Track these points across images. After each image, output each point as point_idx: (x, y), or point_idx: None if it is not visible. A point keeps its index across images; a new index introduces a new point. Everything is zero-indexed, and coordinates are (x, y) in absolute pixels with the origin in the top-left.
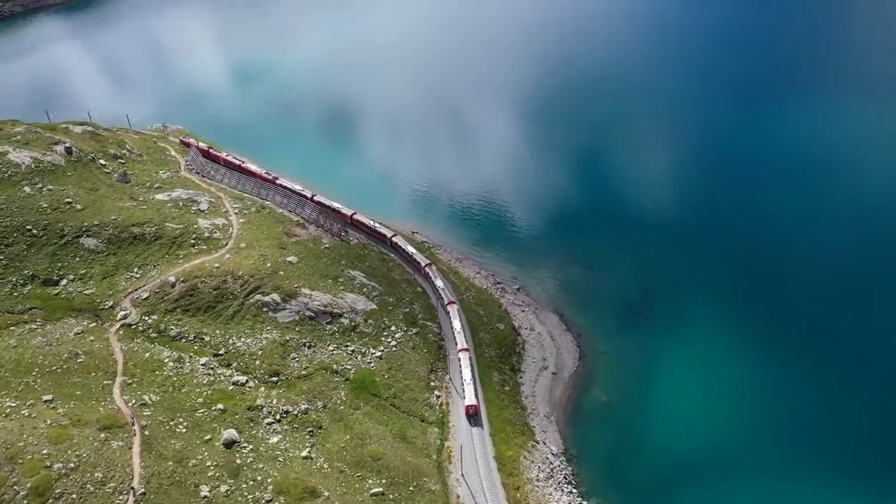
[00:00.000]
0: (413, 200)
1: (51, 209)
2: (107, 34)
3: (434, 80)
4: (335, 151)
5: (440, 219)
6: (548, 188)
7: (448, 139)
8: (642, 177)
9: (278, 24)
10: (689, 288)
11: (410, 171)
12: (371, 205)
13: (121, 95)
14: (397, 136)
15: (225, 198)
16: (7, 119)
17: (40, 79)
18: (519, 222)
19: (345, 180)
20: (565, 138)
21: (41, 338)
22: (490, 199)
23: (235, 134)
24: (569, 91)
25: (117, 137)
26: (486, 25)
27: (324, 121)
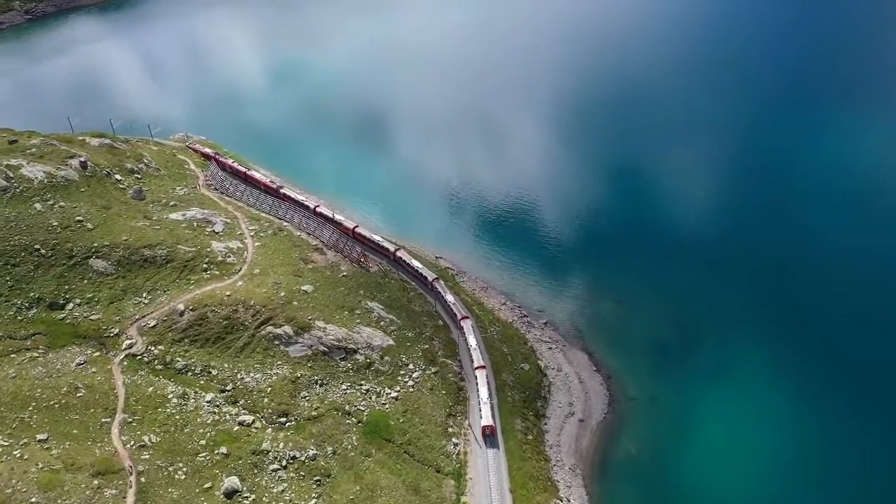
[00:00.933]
0: (439, 221)
1: (61, 228)
2: (137, 36)
3: (466, 88)
4: (362, 165)
5: (466, 242)
6: (579, 211)
7: (477, 154)
8: (678, 201)
9: (313, 25)
10: (729, 327)
11: (438, 189)
12: (396, 226)
13: (146, 101)
14: (426, 150)
15: (241, 218)
16: (25, 130)
17: (67, 82)
18: (548, 248)
19: (370, 197)
20: (598, 156)
21: (41, 368)
22: (518, 223)
23: (260, 143)
24: (604, 104)
25: (135, 150)
26: (524, 27)
27: (351, 131)
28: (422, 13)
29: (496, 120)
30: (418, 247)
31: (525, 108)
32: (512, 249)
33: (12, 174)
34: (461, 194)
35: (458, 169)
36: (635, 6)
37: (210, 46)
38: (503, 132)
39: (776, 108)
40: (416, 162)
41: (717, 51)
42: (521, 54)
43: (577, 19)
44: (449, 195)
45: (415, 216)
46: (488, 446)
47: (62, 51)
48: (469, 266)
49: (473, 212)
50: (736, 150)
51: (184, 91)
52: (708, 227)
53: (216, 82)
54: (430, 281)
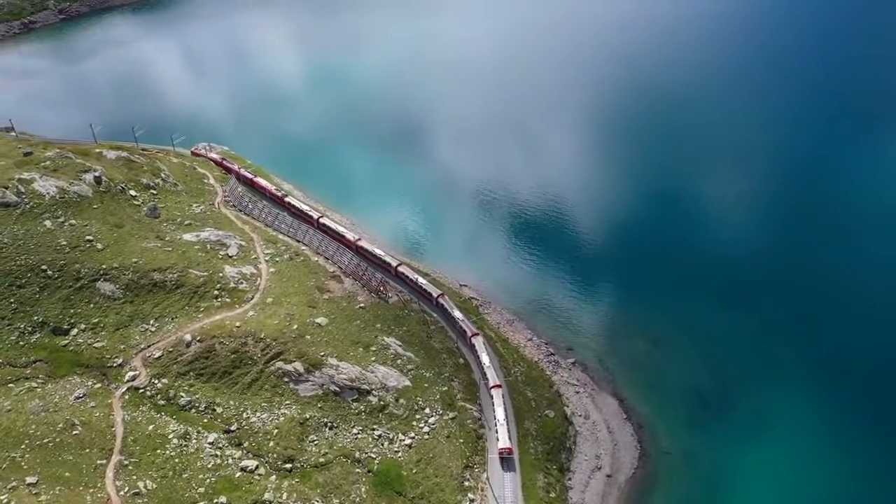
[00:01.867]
0: (465, 245)
1: (70, 247)
2: (168, 38)
3: (500, 98)
4: (389, 181)
5: (492, 269)
6: (613, 239)
7: (508, 173)
8: (720, 231)
9: (347, 29)
10: (774, 374)
11: (466, 211)
12: (420, 250)
13: (172, 107)
14: (455, 166)
15: (257, 240)
16: (44, 139)
17: (96, 85)
18: (579, 279)
19: (396, 217)
20: (635, 179)
21: (38, 401)
22: (548, 251)
23: (285, 154)
24: (643, 118)
25: (153, 164)
26: (565, 30)
27: (379, 143)
28: (460, 17)
29: (528, 134)
30: (442, 273)
31: (559, 122)
32: (540, 279)
33: (24, 189)
34: (490, 217)
35: (487, 188)
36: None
37: (241, 50)
38: (535, 148)
39: (831, 122)
40: (444, 179)
41: (762, 51)
42: (560, 59)
43: (618, 21)
44: (477, 217)
45: (440, 239)
46: (505, 469)
47: (93, 52)
48: (494, 296)
49: (501, 236)
50: (787, 171)
51: (211, 97)
52: (753, 262)
53: (246, 88)
54: (435, 297)
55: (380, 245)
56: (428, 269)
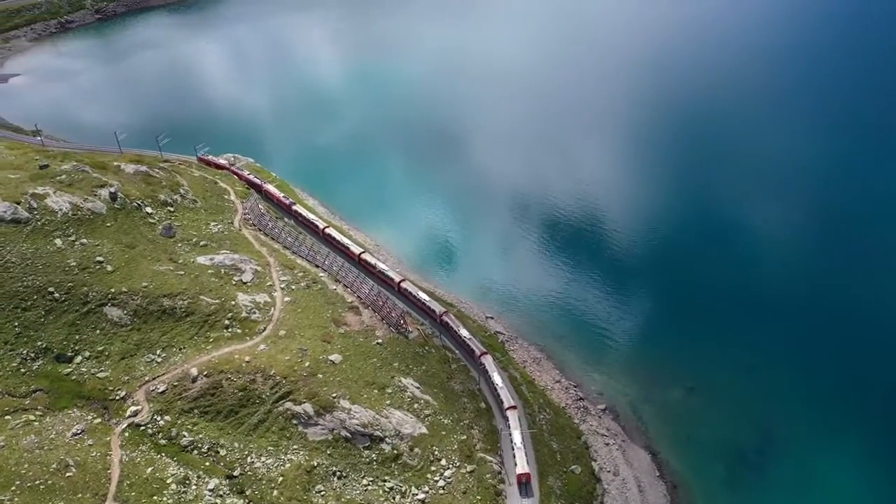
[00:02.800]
0: (494, 275)
1: (79, 269)
2: (201, 41)
3: (538, 109)
4: (419, 200)
5: (522, 300)
6: (650, 275)
7: (542, 195)
8: (768, 267)
9: (385, 32)
10: (822, 430)
11: (495, 236)
12: (446, 277)
13: (200, 114)
14: (487, 185)
15: (274, 265)
16: (65, 146)
17: (126, 88)
18: (612, 315)
19: (422, 241)
20: (679, 208)
21: (34, 436)
22: (582, 283)
23: (310, 167)
24: (688, 135)
25: (172, 178)
26: (608, 34)
27: (410, 158)
28: (498, 22)
29: (564, 150)
30: (468, 303)
31: (597, 136)
32: (572, 313)
33: (36, 205)
34: (520, 244)
35: (519, 213)
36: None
37: (275, 55)
38: (571, 167)
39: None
40: (475, 199)
41: (821, 63)
42: (603, 66)
43: (671, 24)
44: (506, 244)
45: (467, 266)
46: (523, 495)
47: (126, 54)
48: (522, 330)
49: (531, 265)
50: (844, 199)
51: (240, 104)
52: (803, 302)
53: (277, 95)
54: (439, 315)
55: (404, 269)
56: (453, 298)
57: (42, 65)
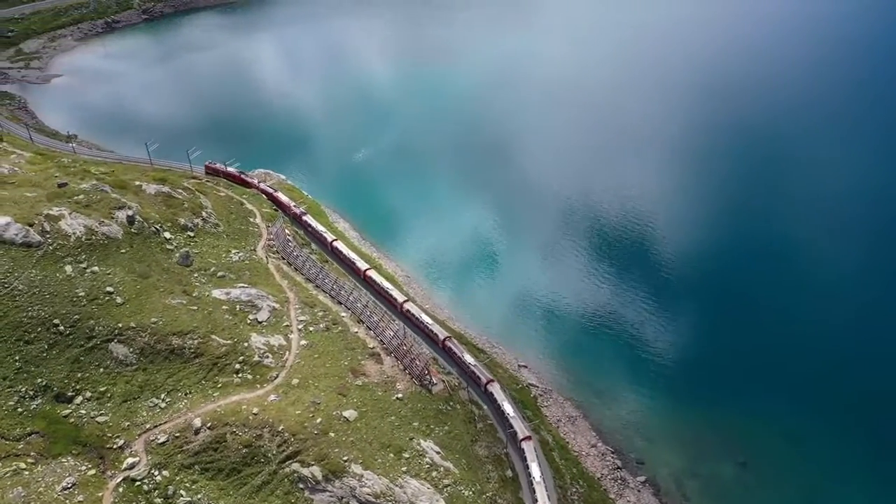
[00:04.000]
0: (532, 315)
1: (87, 299)
2: (247, 44)
3: (600, 128)
4: (456, 229)
5: (559, 348)
6: (703, 330)
7: (594, 233)
8: (832, 321)
9: (438, 38)
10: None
11: (538, 272)
12: (480, 316)
13: (236, 123)
14: (532, 214)
15: (293, 302)
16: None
17: (166, 93)
18: (659, 373)
19: (456, 270)
20: (741, 250)
21: (21, 489)
22: (626, 333)
23: (346, 187)
24: (767, 164)
25: (195, 200)
26: (672, 45)
27: (454, 179)
28: (554, 31)
29: (621, 177)
30: (499, 348)
31: (659, 163)
32: (613, 366)
33: (49, 227)
34: (562, 283)
35: (564, 248)
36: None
37: (319, 61)
38: (625, 198)
39: None
40: (517, 231)
41: None
42: (663, 78)
43: (737, 36)
44: (548, 282)
45: (502, 304)
46: None
47: (168, 57)
48: (558, 383)
49: (573, 310)
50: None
51: (278, 114)
52: (883, 367)
53: (317, 105)
54: (442, 340)
55: (430, 307)
56: (485, 342)
57: (85, 66)
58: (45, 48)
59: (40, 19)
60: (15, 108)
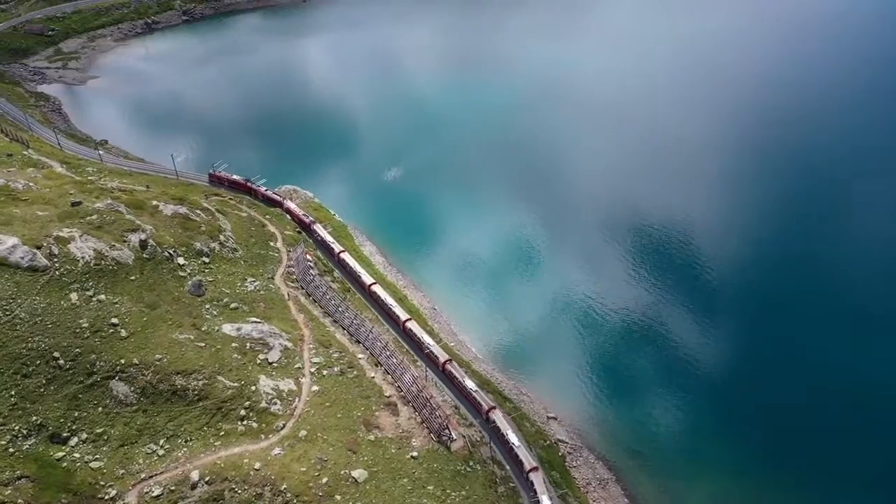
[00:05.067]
0: (567, 359)
1: (90, 331)
2: (285, 48)
3: (656, 151)
4: (491, 256)
5: (594, 399)
6: (756, 389)
7: (637, 269)
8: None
9: (487, 49)
10: None
11: (577, 310)
12: (508, 356)
13: (267, 134)
14: (579, 245)
15: (308, 340)
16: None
17: (199, 99)
18: (701, 436)
19: (485, 303)
20: (811, 296)
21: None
22: (670, 387)
23: (376, 206)
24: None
25: (213, 222)
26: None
27: (493, 200)
28: (611, 43)
29: (666, 212)
30: (527, 392)
31: (709, 192)
32: (654, 425)
33: (58, 251)
34: (601, 328)
35: (609, 285)
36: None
37: (358, 69)
38: (671, 234)
39: None
40: (558, 261)
41: None
42: (721, 94)
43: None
44: (587, 322)
45: (534, 346)
46: None
47: (205, 61)
48: (590, 440)
49: (613, 357)
50: None
51: (310, 124)
52: None
53: (356, 117)
54: (442, 363)
55: (455, 345)
56: (512, 388)
57: (122, 68)
58: (84, 48)
59: (81, 18)
60: (49, 110)
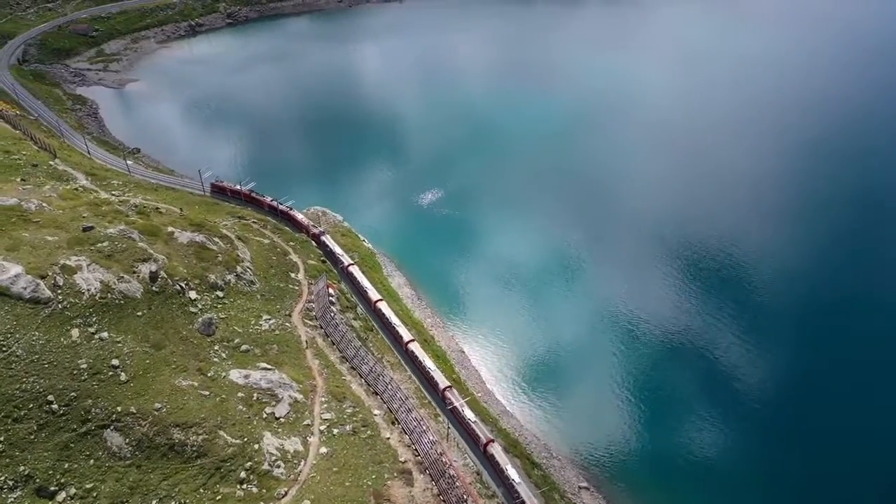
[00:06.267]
0: (607, 422)
1: (89, 373)
2: (326, 55)
3: (715, 174)
4: (535, 294)
5: (632, 467)
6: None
7: (699, 322)
8: None
9: (547, 59)
10: None
11: (620, 366)
12: (548, 418)
13: (300, 149)
14: (637, 295)
15: (320, 392)
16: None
17: (235, 106)
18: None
19: (521, 352)
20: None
21: None
22: (721, 451)
23: (411, 233)
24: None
25: (232, 252)
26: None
27: (539, 233)
28: (675, 50)
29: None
30: (560, 458)
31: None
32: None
33: (62, 281)
34: (651, 387)
35: (661, 344)
36: None
37: (404, 80)
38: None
39: None
40: (610, 312)
41: None
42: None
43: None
44: (633, 384)
45: (573, 405)
46: None
47: (246, 66)
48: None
49: (661, 424)
50: None
51: (350, 141)
52: None
53: (396, 133)
54: (441, 390)
55: (482, 395)
56: (541, 449)
57: (162, 71)
58: (127, 50)
59: (125, 19)
60: (84, 114)
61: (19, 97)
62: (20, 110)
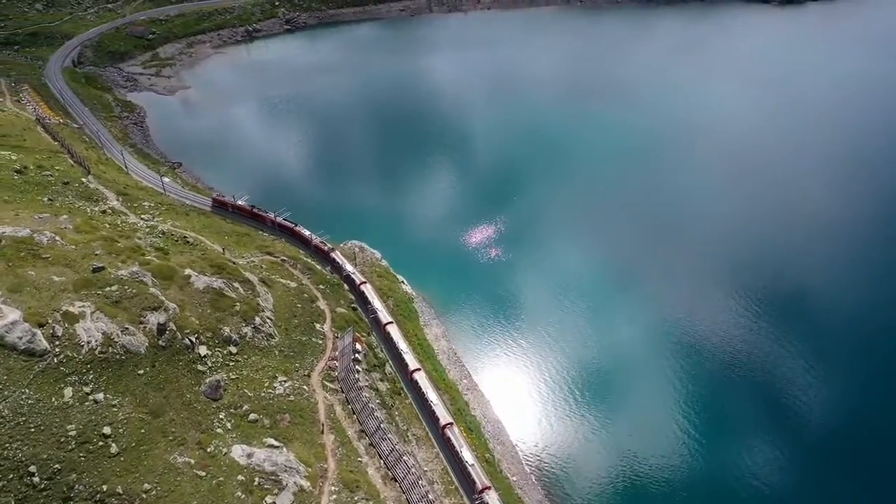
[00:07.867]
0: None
1: (77, 442)
2: (382, 67)
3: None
4: (581, 360)
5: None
6: None
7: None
8: None
9: (618, 70)
10: None
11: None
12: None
13: (344, 178)
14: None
15: (331, 477)
16: (129, 246)
17: (280, 121)
18: None
19: (566, 432)
20: None
21: None
22: None
23: (457, 278)
24: None
25: (252, 300)
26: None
27: (603, 282)
28: (761, 73)
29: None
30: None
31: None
32: None
33: (62, 331)
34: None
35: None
36: None
37: (465, 97)
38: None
39: None
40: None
41: None
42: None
43: None
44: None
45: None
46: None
47: (297, 76)
48: None
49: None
50: None
51: (402, 166)
52: None
53: (453, 159)
54: (442, 426)
55: (518, 479)
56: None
57: (214, 79)
58: (182, 54)
59: (183, 23)
60: (131, 122)
61: (66, 102)
62: (65, 117)
